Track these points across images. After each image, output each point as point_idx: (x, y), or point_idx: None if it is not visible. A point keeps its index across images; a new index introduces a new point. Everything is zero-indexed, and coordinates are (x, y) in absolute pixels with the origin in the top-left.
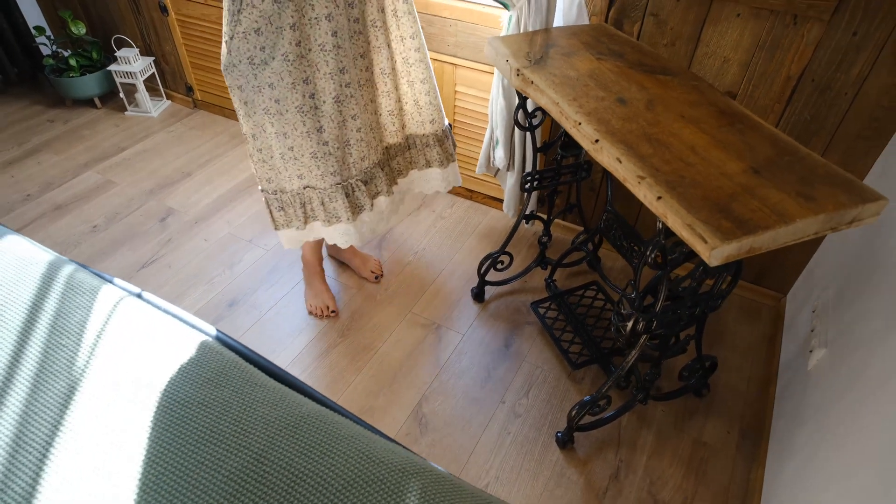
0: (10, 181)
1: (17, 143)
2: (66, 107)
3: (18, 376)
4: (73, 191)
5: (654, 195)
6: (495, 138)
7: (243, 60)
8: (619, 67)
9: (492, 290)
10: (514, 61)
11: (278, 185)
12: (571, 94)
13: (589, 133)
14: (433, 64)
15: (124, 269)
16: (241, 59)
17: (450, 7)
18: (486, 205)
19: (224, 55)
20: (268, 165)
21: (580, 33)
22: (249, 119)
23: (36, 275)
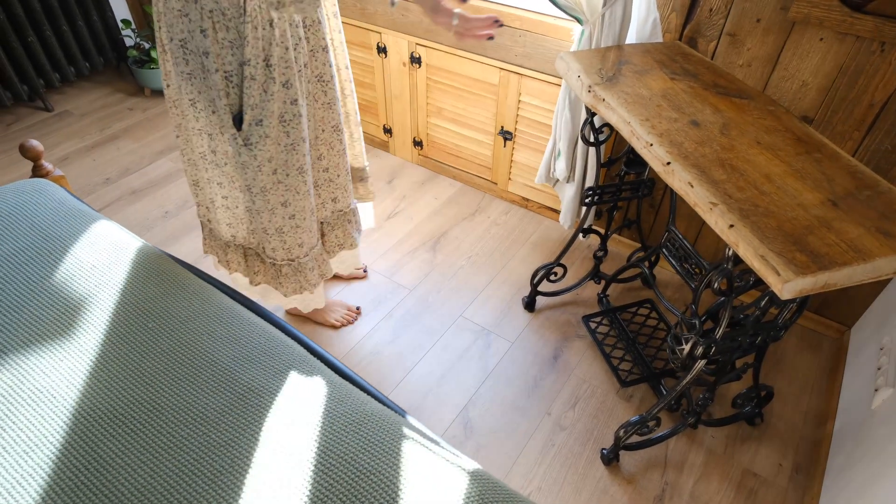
0: (91, 164)
1: (99, 128)
2: (145, 96)
3: (111, 354)
4: (147, 177)
5: (726, 223)
6: (557, 150)
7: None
8: (693, 88)
9: (543, 301)
10: (585, 77)
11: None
12: (644, 113)
13: (661, 155)
14: (500, 73)
15: (191, 253)
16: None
17: (520, 18)
18: (542, 214)
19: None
20: (305, 231)
21: (654, 51)
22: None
23: (126, 260)
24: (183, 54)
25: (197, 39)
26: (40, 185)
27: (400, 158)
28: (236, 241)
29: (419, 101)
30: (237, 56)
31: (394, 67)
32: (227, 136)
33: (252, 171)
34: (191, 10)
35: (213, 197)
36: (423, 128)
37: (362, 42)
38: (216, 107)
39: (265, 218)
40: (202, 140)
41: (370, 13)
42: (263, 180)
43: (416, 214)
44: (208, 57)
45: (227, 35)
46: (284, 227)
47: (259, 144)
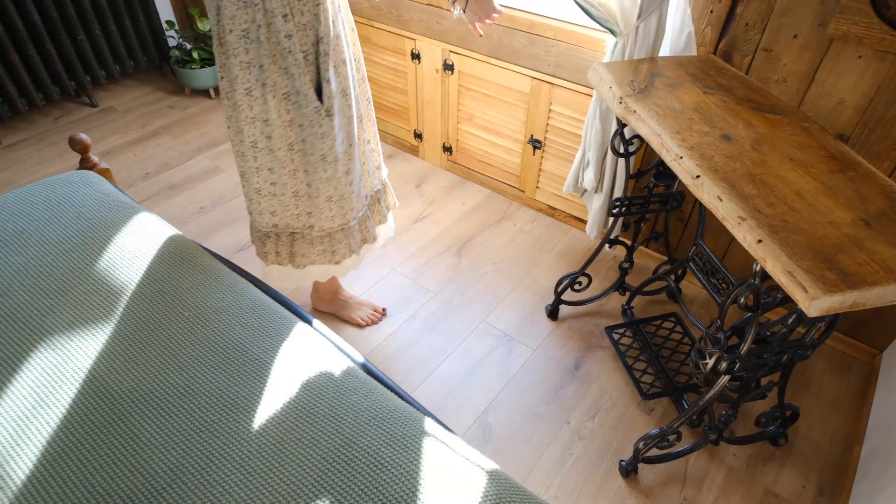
0: (133, 159)
1: (140, 125)
2: (185, 95)
3: (149, 340)
4: (185, 173)
5: (754, 238)
6: (586, 160)
7: None
8: (726, 102)
9: (566, 310)
10: (617, 89)
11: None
12: (674, 126)
13: (690, 168)
14: (532, 82)
15: (224, 249)
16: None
17: (554, 28)
18: (568, 224)
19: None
20: (355, 195)
21: (687, 64)
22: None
23: (166, 251)
24: (244, 44)
25: (277, 23)
26: (87, 176)
27: (429, 163)
28: (277, 229)
29: (450, 107)
30: (311, 36)
31: (427, 74)
32: (309, 109)
33: (330, 140)
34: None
35: (260, 186)
36: (454, 134)
37: (396, 48)
38: (294, 87)
39: (331, 186)
40: (254, 128)
41: (405, 20)
42: (337, 150)
43: (444, 219)
44: (291, 39)
45: (303, 18)
46: (345, 193)
47: (337, 115)
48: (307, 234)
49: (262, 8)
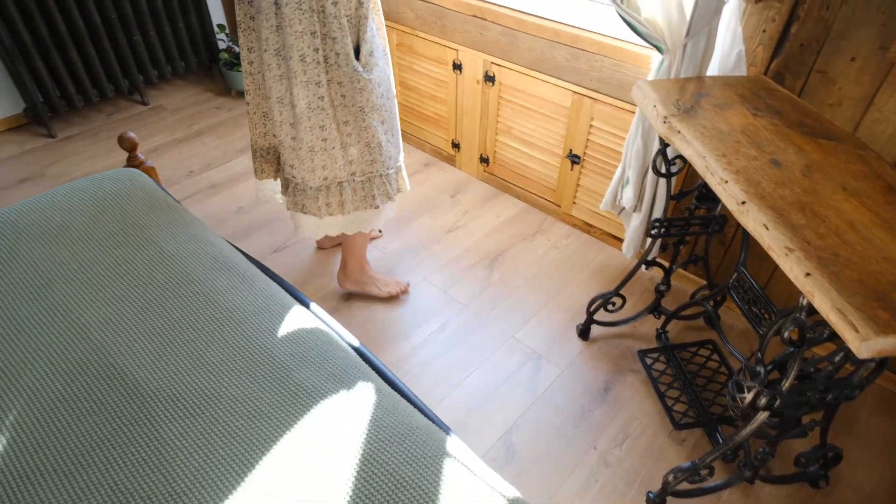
0: (178, 157)
1: (187, 124)
2: (231, 97)
3: (179, 340)
4: (227, 173)
5: (802, 270)
6: (626, 177)
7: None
8: (776, 126)
9: (598, 330)
10: (661, 108)
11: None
12: (720, 149)
13: (735, 193)
14: (573, 96)
15: (260, 249)
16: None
17: (598, 43)
18: (604, 241)
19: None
20: (393, 144)
21: (736, 85)
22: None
23: (202, 252)
24: (298, 15)
25: None
26: (133, 174)
27: (465, 173)
28: (327, 181)
29: (489, 118)
30: (352, 2)
31: (468, 84)
32: (349, 68)
33: (368, 92)
34: None
35: (313, 144)
36: (491, 145)
37: (439, 58)
38: (338, 48)
39: (370, 134)
40: (308, 91)
41: (449, 30)
42: (375, 101)
43: (477, 231)
44: (336, 5)
45: None
46: (382, 141)
47: (374, 70)
48: (351, 182)
49: None
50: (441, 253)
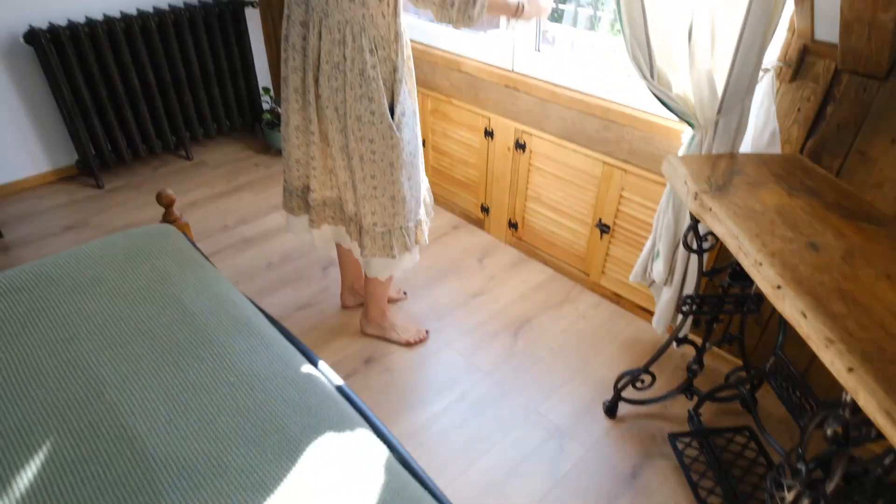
0: (215, 211)
1: (227, 180)
2: (271, 155)
3: (192, 404)
4: (260, 228)
5: (844, 365)
6: (656, 250)
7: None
8: (813, 207)
9: (626, 408)
10: (692, 184)
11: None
12: (754, 229)
13: (770, 276)
14: (603, 166)
15: (284, 306)
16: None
17: (629, 116)
18: (634, 313)
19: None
20: (414, 199)
21: (770, 163)
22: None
23: (224, 311)
24: (335, 73)
25: (365, 56)
26: (166, 230)
27: (493, 238)
28: (356, 217)
29: (519, 184)
30: (389, 67)
31: (498, 150)
32: (383, 126)
33: (399, 150)
34: (358, 38)
35: (346, 181)
36: (520, 210)
37: (471, 124)
38: (374, 108)
39: (396, 188)
40: (340, 138)
41: (482, 99)
42: (404, 158)
43: (503, 296)
44: (375, 69)
45: (384, 52)
46: (406, 196)
47: (405, 130)
48: (371, 231)
49: (349, 45)
50: (466, 318)
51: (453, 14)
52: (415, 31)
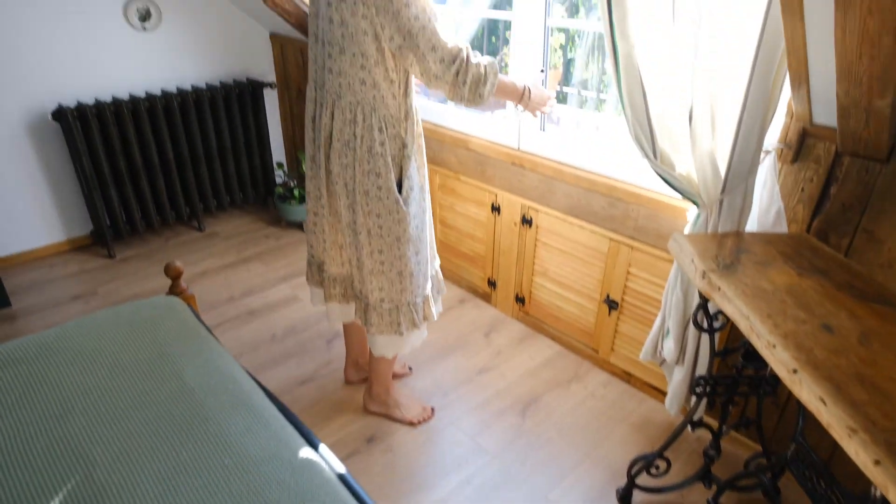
0: (223, 282)
1: (237, 251)
2: (281, 227)
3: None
4: (266, 300)
5: (869, 457)
6: (666, 328)
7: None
8: (824, 287)
9: (641, 496)
10: (699, 262)
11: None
12: (765, 309)
13: (785, 360)
14: (610, 243)
15: (286, 380)
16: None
17: (634, 193)
18: (645, 392)
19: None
20: (422, 274)
21: (777, 242)
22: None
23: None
24: (346, 150)
25: (374, 134)
26: (172, 302)
27: (500, 312)
28: (361, 294)
29: (526, 259)
30: (398, 144)
31: (505, 225)
32: (390, 201)
33: (406, 224)
34: (368, 117)
35: (351, 257)
36: (527, 285)
37: (478, 200)
38: (381, 183)
39: (403, 263)
40: (349, 213)
41: (489, 175)
42: (411, 233)
43: (510, 373)
44: (384, 146)
45: (394, 130)
46: (414, 271)
47: (411, 204)
48: (379, 307)
49: (359, 125)
50: (472, 395)
51: (465, 92)
52: (424, 111)
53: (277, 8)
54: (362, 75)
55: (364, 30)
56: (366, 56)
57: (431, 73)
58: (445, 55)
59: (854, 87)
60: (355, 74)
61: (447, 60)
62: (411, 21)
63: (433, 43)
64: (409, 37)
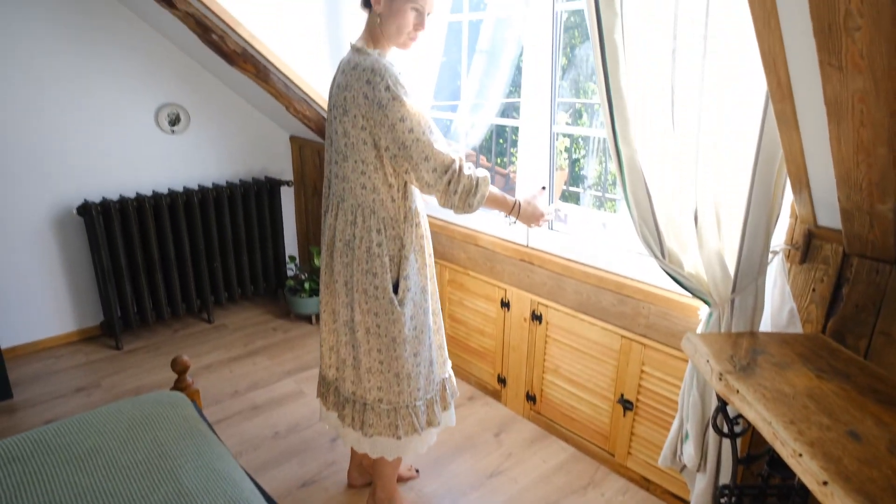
0: (228, 375)
1: (244, 343)
2: (290, 319)
3: None
4: (271, 395)
5: None
6: (684, 431)
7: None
8: (846, 391)
9: None
10: (715, 363)
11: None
12: (787, 414)
13: (814, 470)
14: (622, 340)
15: (287, 481)
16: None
17: (644, 291)
18: (666, 501)
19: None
20: (423, 376)
21: (793, 342)
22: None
23: (220, 490)
24: (346, 250)
25: (373, 235)
26: (175, 398)
27: (511, 411)
28: (355, 396)
29: (537, 355)
30: (397, 245)
31: (515, 321)
32: (385, 300)
33: (399, 325)
34: (368, 219)
35: (346, 357)
36: (538, 383)
37: (488, 295)
38: (377, 283)
39: (399, 364)
40: (347, 311)
41: (498, 271)
42: (406, 334)
43: (521, 477)
44: (381, 246)
45: (393, 231)
46: (412, 373)
47: (408, 305)
48: (377, 407)
49: (359, 226)
50: (482, 501)
51: (455, 200)
52: (433, 208)
53: (299, 115)
54: (363, 180)
55: (364, 139)
56: (366, 163)
57: (424, 182)
58: (438, 165)
59: (854, 192)
60: (356, 179)
61: (439, 170)
62: (405, 134)
63: (426, 154)
64: (404, 148)
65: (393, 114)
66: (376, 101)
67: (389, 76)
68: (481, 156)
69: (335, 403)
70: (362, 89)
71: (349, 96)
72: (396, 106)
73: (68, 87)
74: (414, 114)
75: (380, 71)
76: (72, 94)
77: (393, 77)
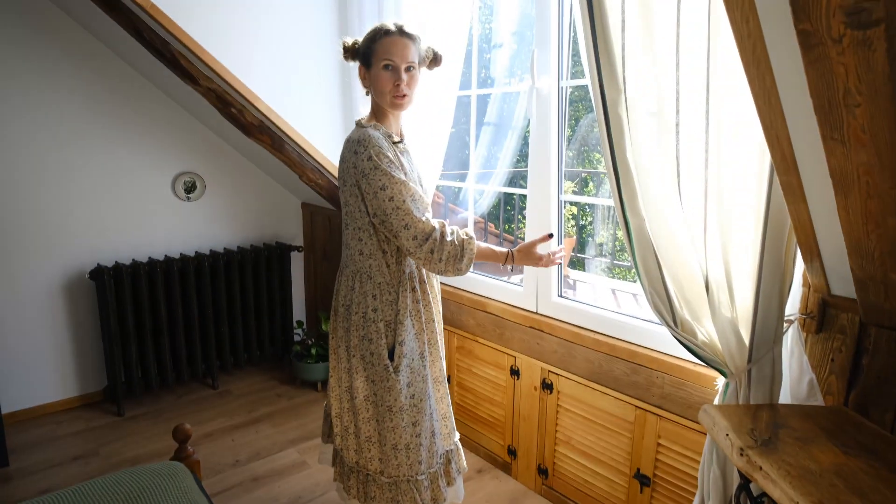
0: (229, 444)
1: (247, 410)
2: (295, 385)
3: None
4: (272, 465)
5: None
6: None
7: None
8: (875, 469)
9: None
10: (735, 438)
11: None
12: (816, 495)
13: None
14: (636, 411)
15: None
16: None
17: (657, 360)
18: None
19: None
20: (424, 448)
21: (815, 416)
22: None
23: None
24: (346, 315)
25: (368, 300)
26: (175, 469)
27: (521, 485)
28: (358, 466)
29: (548, 426)
30: (392, 311)
31: (525, 390)
32: (380, 367)
33: (395, 393)
34: (365, 284)
35: (348, 425)
36: (550, 455)
37: (497, 363)
38: (372, 349)
39: (397, 435)
40: (347, 377)
41: (507, 338)
42: (402, 402)
43: None
44: (376, 312)
45: (388, 297)
46: (411, 444)
47: (404, 372)
48: (378, 479)
49: (358, 291)
50: None
51: (442, 267)
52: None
53: (312, 182)
54: (360, 246)
55: (358, 207)
56: (361, 230)
57: (405, 249)
58: (418, 233)
59: (867, 262)
60: (355, 246)
61: (419, 238)
62: (386, 202)
63: (406, 222)
64: (385, 215)
65: (375, 182)
66: (360, 170)
67: (373, 147)
68: (489, 223)
69: (340, 473)
70: (352, 159)
71: (345, 167)
72: (378, 175)
73: (91, 154)
74: (395, 182)
75: (364, 142)
76: (95, 161)
77: (376, 148)
